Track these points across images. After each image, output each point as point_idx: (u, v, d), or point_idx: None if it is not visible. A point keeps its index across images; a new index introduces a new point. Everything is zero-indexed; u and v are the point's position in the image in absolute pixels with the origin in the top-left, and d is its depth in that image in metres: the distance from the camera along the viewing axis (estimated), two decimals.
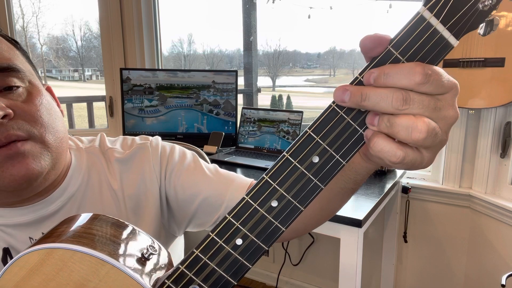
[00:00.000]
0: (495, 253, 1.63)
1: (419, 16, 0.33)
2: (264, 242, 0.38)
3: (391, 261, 1.90)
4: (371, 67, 0.34)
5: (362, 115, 0.35)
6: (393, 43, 0.34)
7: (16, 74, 0.53)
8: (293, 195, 0.37)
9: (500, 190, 1.62)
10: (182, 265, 0.39)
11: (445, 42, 0.34)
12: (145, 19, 2.31)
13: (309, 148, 0.36)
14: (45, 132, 0.53)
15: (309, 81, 3.35)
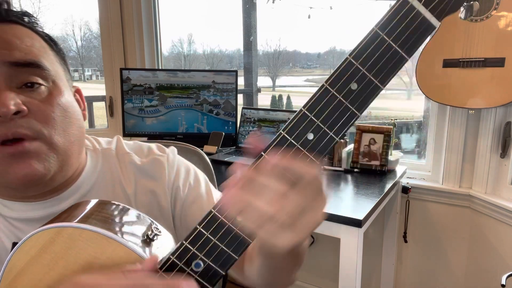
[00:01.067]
0: (495, 253, 1.63)
1: (402, 0, 0.35)
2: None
3: (391, 261, 1.90)
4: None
5: (353, 93, 0.37)
6: (379, 26, 0.36)
7: (40, 71, 0.52)
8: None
9: (500, 190, 1.62)
10: (185, 241, 0.40)
11: (428, 24, 0.35)
12: (145, 19, 2.30)
13: (303, 126, 0.38)
14: (54, 134, 0.52)
15: (309, 81, 3.35)
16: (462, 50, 1.47)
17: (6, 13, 0.53)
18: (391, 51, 0.36)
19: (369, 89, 0.37)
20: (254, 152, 0.38)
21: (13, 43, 0.51)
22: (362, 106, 0.38)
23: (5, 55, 0.50)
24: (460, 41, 1.48)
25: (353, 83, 0.37)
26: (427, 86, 1.57)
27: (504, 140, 1.56)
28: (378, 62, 0.37)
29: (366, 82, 0.37)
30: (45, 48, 0.55)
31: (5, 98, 0.47)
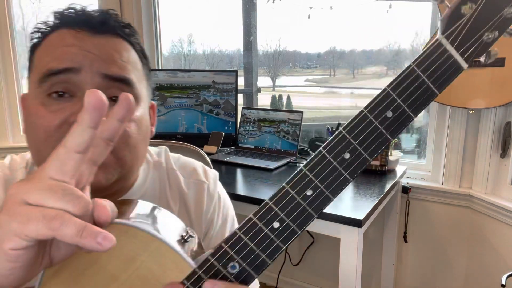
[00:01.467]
0: (495, 253, 1.63)
1: (438, 43, 0.40)
2: (298, 226, 0.43)
3: (391, 261, 1.90)
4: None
5: (388, 120, 0.42)
6: (417, 63, 0.41)
7: (128, 89, 0.54)
8: (326, 185, 0.42)
9: (500, 190, 1.62)
10: (225, 244, 0.43)
11: (457, 65, 0.41)
12: (145, 19, 2.30)
13: (342, 146, 0.42)
14: (125, 149, 0.54)
15: (309, 81, 3.34)
16: None
17: (111, 26, 0.55)
18: (424, 86, 0.41)
19: (403, 117, 0.42)
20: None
21: (112, 57, 0.53)
22: (395, 132, 0.42)
23: (103, 67, 0.52)
24: None
25: (388, 111, 0.42)
26: None
27: (504, 140, 1.57)
28: (413, 95, 0.41)
29: (400, 112, 0.42)
30: (137, 63, 0.58)
31: None
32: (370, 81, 3.09)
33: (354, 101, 3.64)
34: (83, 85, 0.51)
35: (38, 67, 0.53)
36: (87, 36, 0.53)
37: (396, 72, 2.58)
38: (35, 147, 0.53)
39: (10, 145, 2.27)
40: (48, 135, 0.50)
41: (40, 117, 0.51)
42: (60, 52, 0.52)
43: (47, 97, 0.51)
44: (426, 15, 1.90)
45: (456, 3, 0.40)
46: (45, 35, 0.55)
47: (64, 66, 0.51)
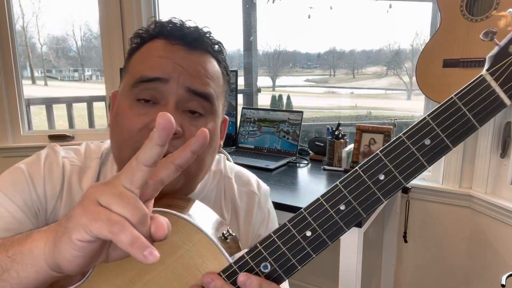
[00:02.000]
0: (495, 253, 1.63)
1: (481, 78, 0.42)
2: (329, 238, 0.46)
3: (391, 261, 1.90)
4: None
5: (425, 148, 0.43)
6: (458, 96, 0.42)
7: (207, 104, 0.58)
8: (359, 203, 0.45)
9: (500, 190, 1.62)
10: (260, 245, 0.47)
11: (500, 101, 0.42)
12: (145, 19, 2.30)
13: (377, 167, 0.44)
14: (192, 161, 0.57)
15: (309, 81, 3.34)
16: (462, 50, 1.47)
17: (203, 43, 0.60)
18: (464, 119, 0.43)
19: (440, 147, 0.43)
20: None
21: (198, 72, 0.58)
22: (431, 160, 0.44)
23: (188, 81, 0.56)
24: (460, 41, 1.48)
25: (427, 139, 0.43)
26: (427, 86, 1.57)
27: (504, 140, 1.57)
28: (452, 126, 0.43)
29: (438, 141, 0.43)
30: (220, 80, 0.62)
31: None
32: (370, 81, 3.08)
33: (354, 101, 3.64)
34: (168, 95, 0.56)
35: (133, 72, 0.59)
36: (180, 50, 0.58)
37: (396, 72, 2.58)
38: (118, 143, 0.58)
39: (10, 145, 2.27)
40: (130, 135, 0.56)
41: (126, 118, 0.56)
42: (154, 62, 0.57)
43: (135, 101, 0.57)
44: (426, 15, 1.90)
45: (505, 42, 0.42)
46: (144, 42, 0.60)
47: (155, 76, 0.56)
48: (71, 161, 0.64)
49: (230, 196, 0.72)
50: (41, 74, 3.55)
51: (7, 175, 0.61)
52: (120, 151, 0.57)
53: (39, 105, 2.71)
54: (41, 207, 0.60)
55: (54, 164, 0.62)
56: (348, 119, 3.00)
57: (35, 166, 0.61)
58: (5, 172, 0.62)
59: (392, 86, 2.85)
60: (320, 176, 1.69)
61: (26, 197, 0.59)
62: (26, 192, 0.59)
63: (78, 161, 0.65)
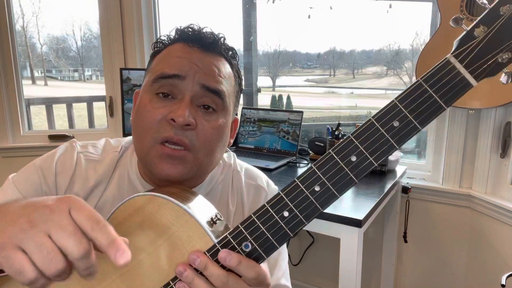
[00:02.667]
0: (495, 253, 1.63)
1: (446, 61, 0.43)
2: (305, 217, 0.48)
3: (391, 261, 1.90)
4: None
5: (394, 129, 0.45)
6: (424, 78, 0.44)
7: (218, 100, 0.64)
8: (332, 183, 0.47)
9: (500, 190, 1.62)
10: (241, 225, 0.50)
11: (466, 82, 0.43)
12: (145, 19, 2.31)
13: (349, 149, 0.46)
14: (203, 152, 0.63)
15: (309, 81, 3.34)
16: None
17: (218, 47, 0.66)
18: (431, 100, 0.44)
19: (409, 128, 0.45)
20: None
21: (212, 71, 0.64)
22: (401, 141, 0.45)
23: (203, 78, 0.62)
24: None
25: (395, 121, 0.45)
26: None
27: (504, 140, 1.57)
28: (419, 107, 0.44)
29: (406, 122, 0.45)
30: (232, 80, 0.68)
31: (184, 110, 0.59)
32: (370, 81, 3.08)
33: (354, 101, 3.64)
34: (184, 90, 0.62)
35: (154, 70, 0.65)
36: (197, 52, 0.64)
37: (396, 72, 2.58)
38: (139, 134, 0.63)
39: (10, 145, 2.27)
40: (150, 126, 0.61)
41: (147, 111, 0.62)
42: (173, 61, 0.63)
43: (155, 96, 0.63)
44: (426, 15, 1.90)
45: (471, 26, 0.43)
46: (165, 46, 0.67)
47: (173, 72, 0.62)
48: (87, 156, 0.70)
49: (238, 188, 0.76)
50: (41, 74, 3.54)
51: (23, 170, 0.68)
52: (141, 140, 0.62)
53: (39, 105, 2.71)
54: (52, 195, 0.64)
55: (68, 159, 0.69)
56: (348, 119, 3.00)
57: (49, 161, 0.68)
58: (24, 167, 0.69)
59: (392, 86, 2.85)
60: None
61: (37, 190, 0.65)
62: (37, 186, 0.65)
63: (95, 155, 0.71)
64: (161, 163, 0.60)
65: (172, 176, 0.61)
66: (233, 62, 0.69)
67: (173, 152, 0.60)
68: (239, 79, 0.71)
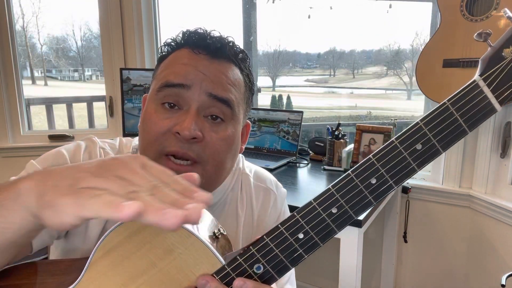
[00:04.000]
0: (495, 253, 1.63)
1: (475, 84, 0.42)
2: (321, 239, 0.47)
3: (391, 261, 1.90)
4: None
5: (417, 152, 0.44)
6: (451, 101, 0.43)
7: (227, 110, 0.61)
8: (351, 206, 0.46)
9: (500, 190, 1.62)
10: (253, 247, 0.48)
11: (491, 107, 0.42)
12: (145, 19, 2.30)
13: (370, 172, 0.45)
14: (211, 164, 0.60)
15: (309, 81, 3.34)
16: (462, 50, 1.47)
17: (225, 53, 0.63)
18: (456, 124, 0.43)
19: (431, 151, 0.44)
20: None
21: (220, 79, 0.61)
22: (422, 164, 0.44)
23: (210, 87, 0.59)
24: (460, 41, 1.48)
25: (418, 144, 0.44)
26: (427, 86, 1.57)
27: (504, 140, 1.56)
28: (444, 131, 0.43)
29: (430, 146, 0.44)
30: (241, 87, 0.65)
31: (190, 123, 0.57)
32: (370, 81, 3.08)
33: (354, 101, 3.64)
34: (190, 100, 0.59)
35: (159, 77, 0.63)
36: (203, 59, 0.61)
37: (396, 72, 2.58)
38: (143, 145, 0.62)
39: (10, 145, 2.27)
40: (155, 138, 0.59)
41: (152, 123, 0.60)
42: (178, 68, 0.61)
43: (160, 106, 0.60)
44: (426, 15, 1.90)
45: (499, 44, 0.42)
46: (172, 51, 0.65)
47: (178, 81, 0.59)
48: (106, 153, 0.69)
49: (246, 191, 0.74)
50: (41, 74, 3.55)
51: (49, 156, 0.65)
52: (145, 151, 0.61)
53: (39, 105, 2.71)
54: None
55: (93, 153, 0.67)
56: (348, 119, 3.00)
57: (76, 153, 0.66)
58: (47, 153, 0.66)
59: (392, 86, 2.85)
60: (320, 176, 1.69)
61: None
62: None
63: (113, 154, 0.69)
64: None
65: None
66: (242, 66, 0.66)
67: (178, 168, 0.58)
68: (250, 83, 0.69)
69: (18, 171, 0.69)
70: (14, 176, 0.67)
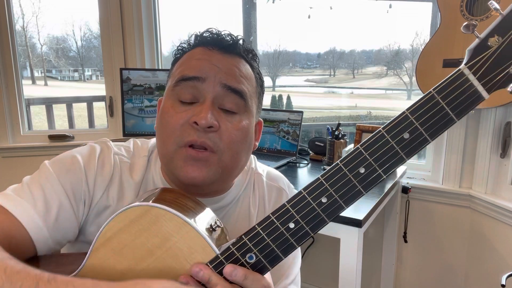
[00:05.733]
0: (495, 253, 1.63)
1: (459, 72, 0.42)
2: (311, 229, 0.47)
3: (391, 261, 1.90)
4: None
5: (404, 141, 0.44)
6: (436, 90, 0.43)
7: (240, 101, 0.63)
8: (340, 195, 0.46)
9: (500, 190, 1.62)
10: (245, 236, 0.49)
11: (478, 95, 0.42)
12: (145, 19, 2.30)
13: (358, 161, 0.45)
14: (228, 154, 0.62)
15: (309, 81, 3.34)
16: (462, 50, 1.47)
17: (237, 49, 0.66)
18: (442, 112, 0.43)
19: (419, 140, 0.44)
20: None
21: (233, 71, 0.64)
22: (410, 153, 0.44)
23: (224, 78, 0.62)
24: (460, 41, 1.48)
25: (405, 133, 0.44)
26: (427, 86, 1.57)
27: (504, 140, 1.56)
28: (431, 119, 0.43)
29: (417, 134, 0.44)
30: (253, 81, 0.67)
31: (207, 112, 0.59)
32: (370, 81, 3.08)
33: (354, 101, 3.64)
34: (205, 92, 0.62)
35: (174, 74, 0.65)
36: (217, 54, 0.64)
37: (396, 72, 2.58)
38: (162, 139, 0.63)
39: (10, 145, 2.27)
40: (173, 131, 0.61)
41: (169, 116, 0.62)
42: (193, 63, 0.64)
43: (177, 101, 0.63)
44: (426, 15, 1.90)
45: (484, 34, 0.42)
46: (185, 52, 0.68)
47: (193, 75, 0.62)
48: (121, 159, 0.69)
49: (259, 190, 0.76)
50: (41, 74, 3.55)
51: (64, 161, 0.65)
52: (165, 146, 0.62)
53: (39, 105, 2.71)
54: (88, 197, 0.65)
55: (106, 160, 0.67)
56: (348, 119, 3.00)
57: (91, 160, 0.66)
58: (62, 156, 0.67)
59: (392, 86, 2.85)
60: None
61: (76, 185, 0.63)
62: (78, 181, 0.64)
63: (128, 159, 0.70)
64: (186, 166, 0.60)
65: (197, 179, 0.60)
66: (253, 64, 0.69)
67: (197, 154, 0.60)
68: (261, 81, 0.71)
69: (18, 171, 0.68)
70: (14, 176, 0.67)
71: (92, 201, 0.66)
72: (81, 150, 0.68)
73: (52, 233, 0.59)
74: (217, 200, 0.70)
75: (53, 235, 0.59)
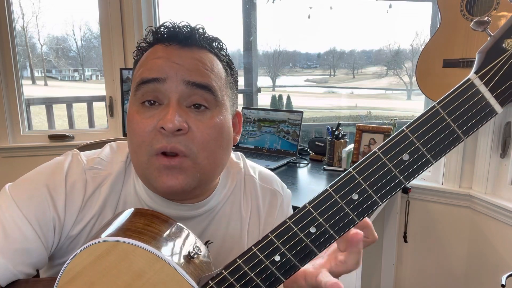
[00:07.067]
0: (495, 253, 1.63)
1: (469, 83, 0.36)
2: (300, 261, 0.42)
3: (391, 261, 1.90)
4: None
5: (403, 164, 0.39)
6: (441, 104, 0.37)
7: (209, 96, 0.58)
8: (331, 225, 0.41)
9: (500, 190, 1.62)
10: (225, 270, 0.44)
11: (491, 109, 0.36)
12: (145, 19, 2.30)
13: (350, 187, 0.40)
14: (203, 155, 0.58)
15: (309, 81, 3.34)
16: (462, 50, 1.47)
17: (199, 39, 0.60)
18: (448, 130, 0.38)
19: (420, 162, 0.38)
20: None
21: (195, 66, 0.58)
22: (410, 177, 0.39)
23: (186, 75, 0.57)
24: (460, 41, 1.48)
25: (405, 155, 0.39)
26: (427, 86, 1.57)
27: (504, 140, 1.56)
28: (434, 139, 0.38)
29: (418, 156, 0.38)
30: (221, 73, 0.62)
31: (173, 115, 0.54)
32: (370, 81, 3.08)
33: (354, 101, 3.64)
34: (169, 93, 0.56)
35: (134, 77, 0.61)
36: (175, 49, 0.59)
37: (396, 72, 2.58)
38: (133, 149, 0.59)
39: (10, 145, 2.27)
40: (141, 140, 0.57)
41: (136, 124, 0.57)
42: (151, 63, 0.58)
43: (141, 105, 0.58)
44: (426, 15, 1.90)
45: (499, 34, 0.36)
46: (144, 52, 0.62)
47: (153, 76, 0.57)
48: (94, 174, 0.63)
49: (252, 194, 0.72)
50: (41, 74, 3.55)
51: (26, 186, 0.60)
52: (136, 156, 0.59)
53: (39, 105, 2.72)
54: (59, 223, 0.59)
55: (76, 179, 0.62)
56: (348, 119, 3.00)
57: (57, 181, 0.60)
58: (24, 179, 0.61)
59: (392, 86, 2.85)
60: (320, 176, 1.69)
61: (40, 214, 0.57)
62: (43, 208, 0.58)
63: (102, 170, 0.64)
64: (161, 176, 0.56)
65: (175, 188, 0.56)
66: (218, 53, 0.63)
67: (169, 161, 0.55)
68: (231, 70, 0.66)
69: (18, 171, 0.67)
70: (14, 176, 0.66)
71: (63, 227, 0.60)
72: (46, 169, 0.62)
73: (12, 262, 0.55)
74: (203, 203, 0.66)
75: (14, 264, 0.55)
